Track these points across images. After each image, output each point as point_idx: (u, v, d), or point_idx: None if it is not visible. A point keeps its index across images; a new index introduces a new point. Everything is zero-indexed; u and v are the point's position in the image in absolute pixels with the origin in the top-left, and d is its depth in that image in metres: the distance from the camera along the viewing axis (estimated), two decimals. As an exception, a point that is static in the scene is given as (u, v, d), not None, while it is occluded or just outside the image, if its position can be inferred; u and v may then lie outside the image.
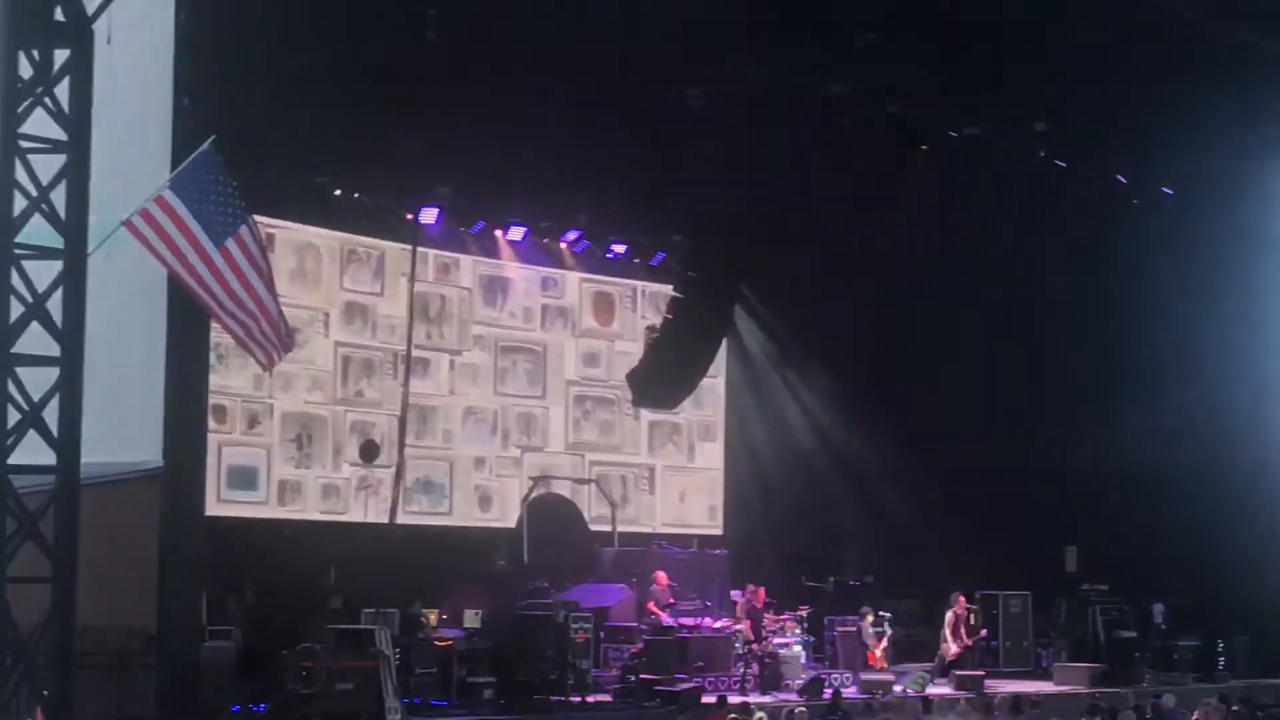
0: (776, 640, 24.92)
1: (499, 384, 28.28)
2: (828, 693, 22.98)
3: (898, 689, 24.48)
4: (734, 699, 21.56)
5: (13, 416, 16.16)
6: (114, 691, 17.91)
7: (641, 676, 23.05)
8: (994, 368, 29.47)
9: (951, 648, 26.82)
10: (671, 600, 25.10)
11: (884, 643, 26.26)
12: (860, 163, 27.29)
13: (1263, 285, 30.52)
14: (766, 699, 23.18)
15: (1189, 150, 28.71)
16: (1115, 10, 23.99)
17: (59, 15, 16.54)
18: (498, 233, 28.13)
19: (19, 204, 16.31)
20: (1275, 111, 27.62)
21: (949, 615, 27.07)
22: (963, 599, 27.22)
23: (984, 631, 27.47)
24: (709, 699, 22.08)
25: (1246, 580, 29.16)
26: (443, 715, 20.89)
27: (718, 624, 25.09)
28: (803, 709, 20.01)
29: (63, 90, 16.59)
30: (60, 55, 16.67)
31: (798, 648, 25.08)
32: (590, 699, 22.27)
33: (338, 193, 25.63)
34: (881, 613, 26.79)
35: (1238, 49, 25.14)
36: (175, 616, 18.46)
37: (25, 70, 16.48)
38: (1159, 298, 29.64)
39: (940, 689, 25.15)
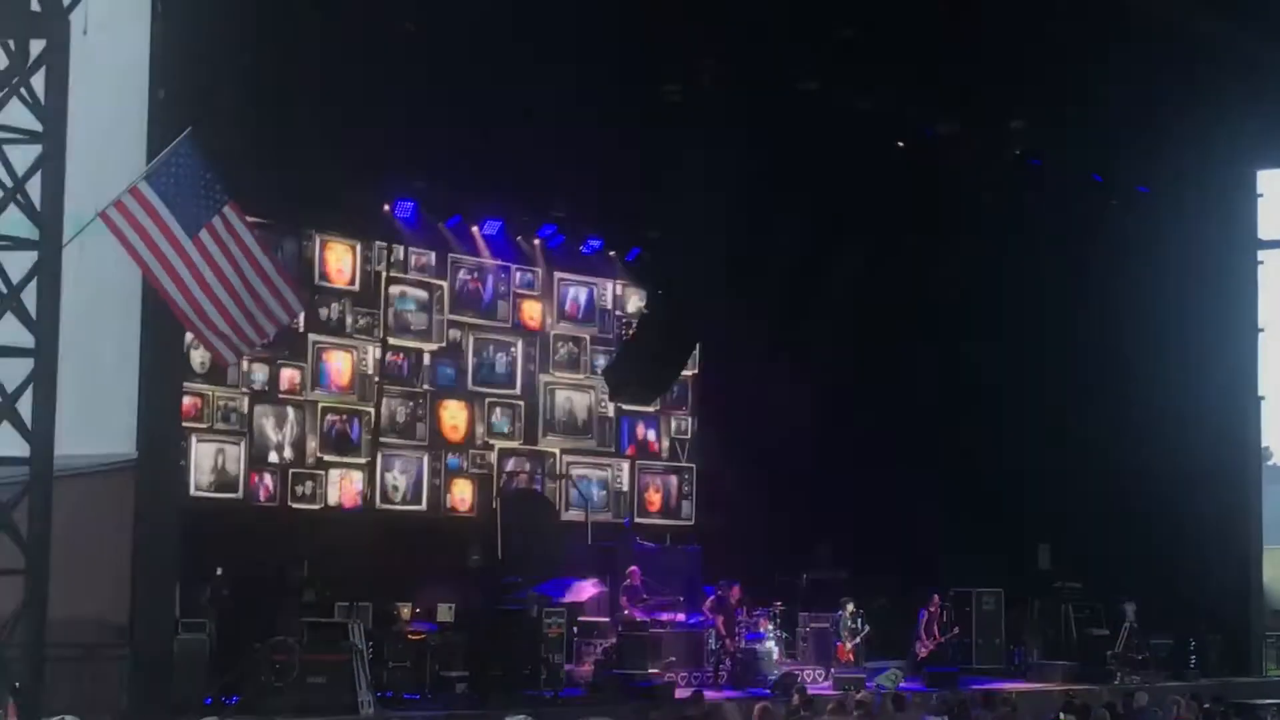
0: (750, 636, 24.93)
1: (474, 377, 28.26)
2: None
3: (870, 686, 24.51)
4: (708, 695, 21.60)
5: (-14, 407, 16.10)
6: (86, 684, 17.83)
7: (614, 671, 23.06)
8: (968, 365, 29.56)
9: (924, 645, 26.87)
10: (645, 595, 25.11)
11: (857, 639, 26.27)
12: (836, 159, 27.31)
13: (1236, 284, 30.66)
14: (739, 695, 23.20)
15: (1164, 148, 28.83)
16: (1091, 8, 24.06)
17: (35, 5, 16.45)
18: (473, 228, 28.11)
19: (-6, 195, 16.25)
20: (1250, 110, 27.72)
21: (921, 613, 27.13)
22: (936, 596, 27.28)
23: (957, 629, 27.54)
24: (682, 694, 22.11)
25: (1218, 579, 29.34)
26: (415, 709, 20.87)
27: (691, 619, 25.10)
28: (779, 705, 20.01)
29: (39, 81, 16.51)
30: (36, 45, 16.59)
31: (770, 643, 25.10)
32: (563, 693, 22.26)
33: (313, 185, 25.53)
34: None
35: (1214, 48, 25.23)
36: (148, 609, 18.43)
37: (1, 60, 16.41)
38: (1133, 296, 29.76)
39: (913, 686, 25.20)
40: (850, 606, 26.48)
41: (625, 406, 30.08)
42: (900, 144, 28.30)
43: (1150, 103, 26.98)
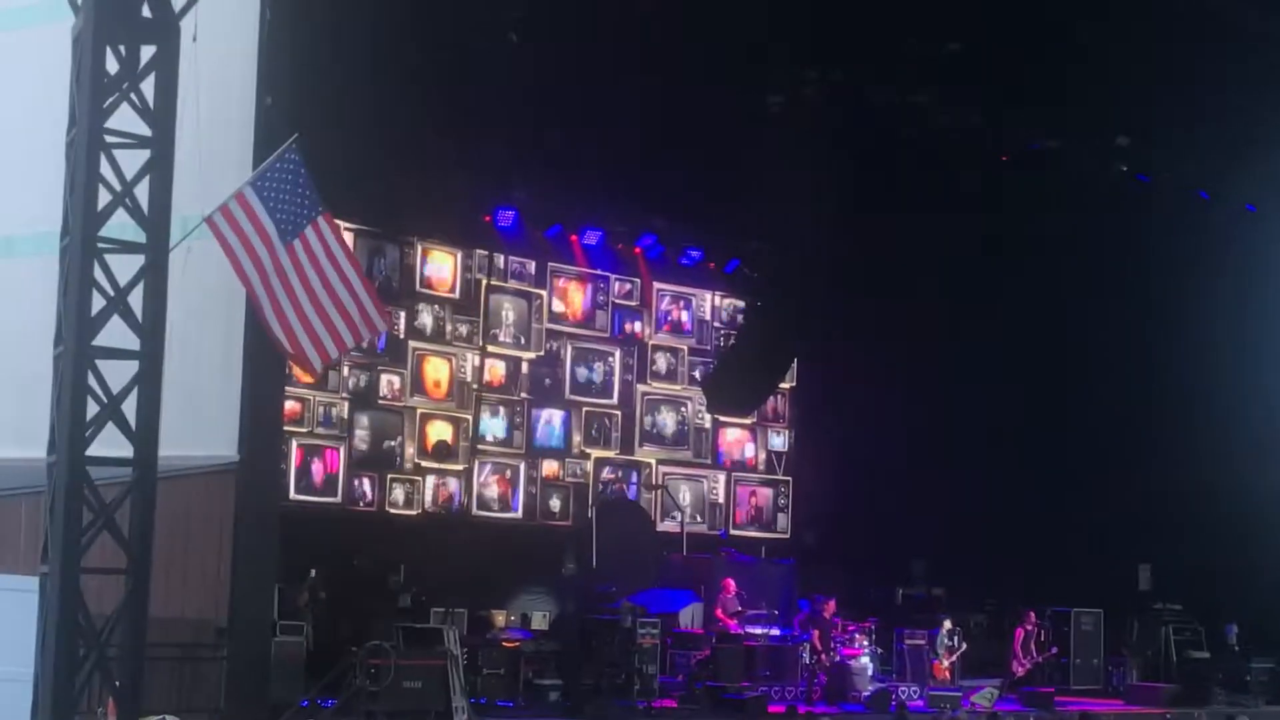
0: (845, 651, 24.83)
1: (571, 386, 28.34)
2: (893, 706, 22.91)
3: (966, 704, 24.33)
4: (801, 709, 21.51)
5: (92, 409, 16.28)
6: (184, 684, 18.01)
7: (708, 684, 23.02)
8: (1070, 382, 29.28)
9: (1020, 664, 26.63)
10: (739, 608, 25.05)
11: (954, 656, 26.08)
12: (941, 173, 27.14)
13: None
14: (832, 710, 23.09)
15: (1272, 165, 28.39)
16: (1197, 24, 23.79)
17: (146, 12, 16.65)
18: (573, 237, 28.20)
19: (103, 198, 16.44)
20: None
21: (1018, 631, 26.89)
22: (1032, 615, 27.02)
23: (1054, 649, 27.28)
24: (775, 708, 22.02)
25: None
26: (509, 716, 20.92)
27: (785, 633, 25.01)
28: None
29: (148, 86, 16.71)
30: (146, 51, 16.79)
31: (866, 659, 24.96)
32: (655, 704, 22.23)
33: (415, 193, 25.70)
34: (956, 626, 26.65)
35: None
36: (246, 611, 18.55)
37: (112, 65, 16.61)
38: (1239, 314, 29.34)
39: (1008, 705, 24.99)
40: (948, 623, 26.29)
41: (722, 418, 30.05)
42: (1004, 159, 28.06)
43: (1259, 119, 26.60)
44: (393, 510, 25.79)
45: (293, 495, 24.02)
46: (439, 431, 26.42)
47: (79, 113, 16.49)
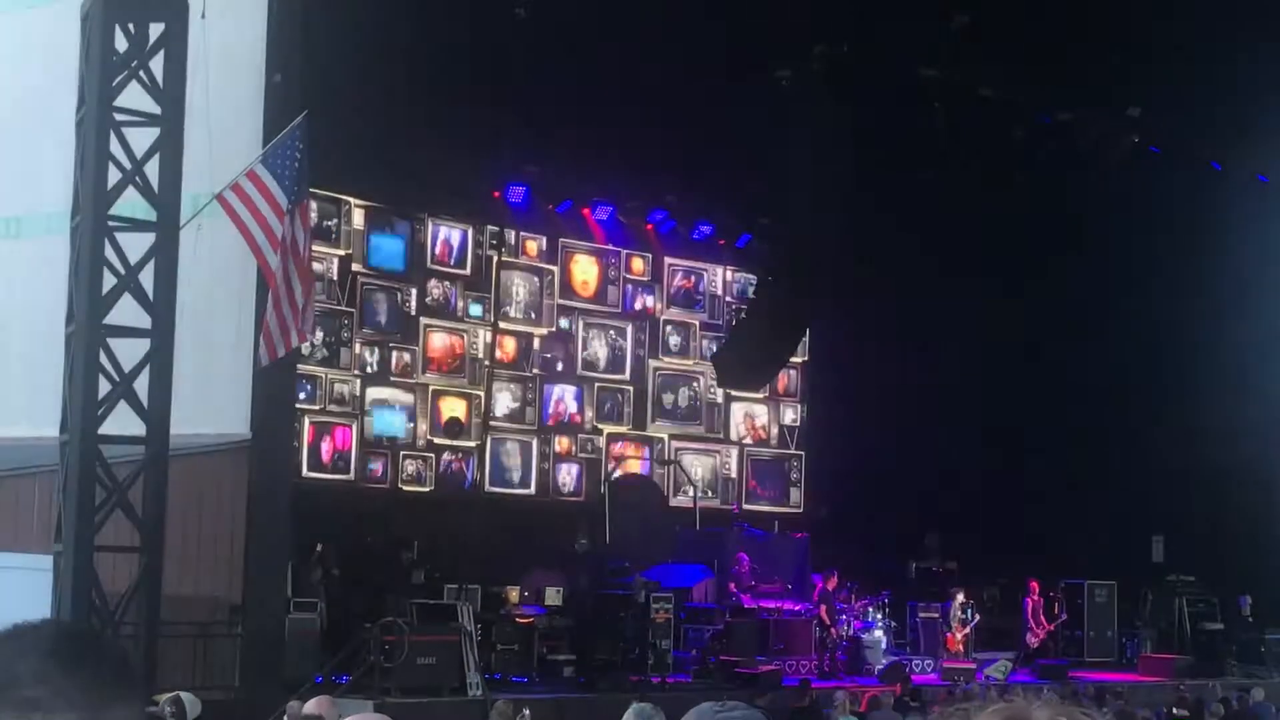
0: (858, 625, 24.83)
1: (583, 362, 28.32)
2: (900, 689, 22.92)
3: (980, 677, 24.34)
4: (815, 683, 21.52)
5: (104, 387, 16.33)
6: (198, 661, 18.07)
7: (721, 658, 23.04)
8: (1083, 357, 29.22)
9: (1034, 635, 26.62)
10: (753, 582, 25.05)
11: (967, 629, 26.09)
12: (952, 147, 27.05)
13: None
14: (846, 683, 23.10)
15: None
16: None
17: (154, -11, 16.68)
18: (584, 212, 28.16)
19: (113, 176, 16.47)
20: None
21: (1026, 602, 26.90)
22: (1035, 584, 27.00)
23: (1064, 617, 27.26)
24: (790, 682, 22.04)
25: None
26: (523, 691, 20.93)
27: (798, 607, 25.03)
28: (888, 695, 19.92)
29: (157, 64, 16.72)
30: (155, 29, 16.81)
31: (879, 632, 24.97)
32: (670, 679, 22.25)
33: (425, 168, 25.65)
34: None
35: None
36: (260, 588, 18.60)
37: (121, 44, 16.63)
38: (1250, 288, 29.26)
39: (1022, 678, 24.99)
40: (960, 597, 26.29)
41: (734, 392, 30.02)
42: (1018, 132, 27.94)
43: (1271, 89, 26.49)
44: (405, 487, 25.79)
45: (305, 473, 24.02)
46: (451, 408, 26.40)
47: (88, 91, 16.51)
